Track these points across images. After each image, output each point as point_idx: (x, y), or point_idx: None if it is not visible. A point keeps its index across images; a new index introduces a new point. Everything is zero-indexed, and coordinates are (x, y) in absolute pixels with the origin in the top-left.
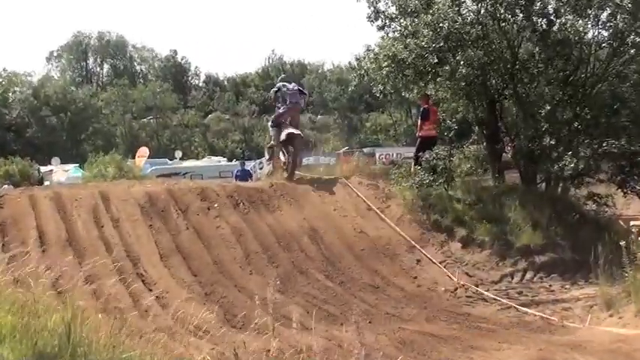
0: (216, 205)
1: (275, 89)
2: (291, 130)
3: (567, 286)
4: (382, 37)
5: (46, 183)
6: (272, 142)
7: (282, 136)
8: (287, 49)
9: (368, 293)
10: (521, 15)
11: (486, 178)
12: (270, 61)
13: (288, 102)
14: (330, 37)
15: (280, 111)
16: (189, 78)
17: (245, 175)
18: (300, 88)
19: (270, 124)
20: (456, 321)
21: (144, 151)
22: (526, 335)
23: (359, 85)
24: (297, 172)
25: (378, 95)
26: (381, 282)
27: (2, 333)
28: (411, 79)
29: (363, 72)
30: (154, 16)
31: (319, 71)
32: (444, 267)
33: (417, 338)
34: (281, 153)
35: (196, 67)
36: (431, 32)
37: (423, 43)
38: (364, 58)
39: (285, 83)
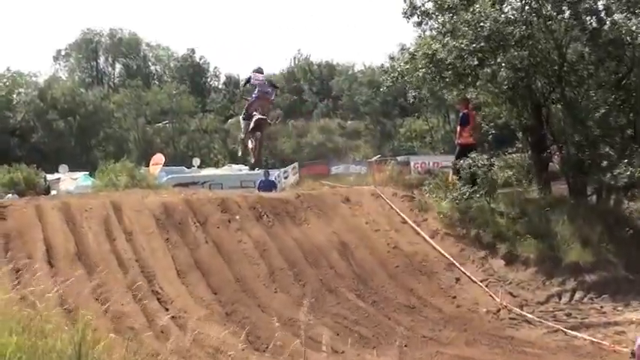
0: (237, 217)
1: (245, 80)
2: (258, 116)
3: (620, 308)
4: (419, 36)
5: (53, 192)
6: (242, 134)
7: (251, 125)
8: (314, 49)
9: (403, 314)
10: (568, 13)
11: (531, 190)
12: (296, 62)
13: (256, 91)
14: (361, 36)
15: (250, 101)
16: (208, 79)
17: (269, 186)
18: (272, 81)
19: (241, 116)
20: (498, 345)
21: (159, 158)
22: None
23: (392, 88)
24: (325, 182)
25: (412, 101)
26: (417, 302)
27: (6, 355)
28: (450, 82)
29: (396, 74)
30: (170, 12)
31: (349, 73)
32: (486, 286)
33: None
34: (249, 141)
35: (216, 67)
36: (471, 32)
37: (463, 45)
38: (399, 58)
39: (255, 74)
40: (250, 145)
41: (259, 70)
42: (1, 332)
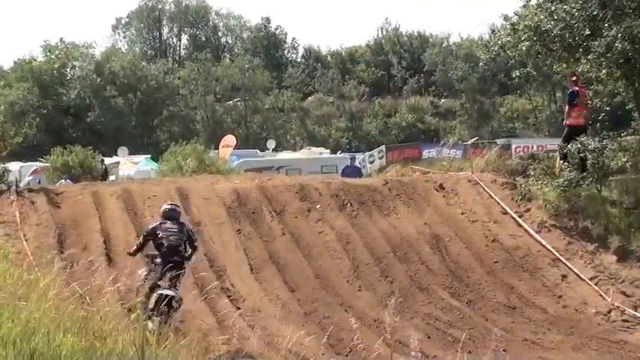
0: (318, 207)
1: None
2: None
3: None
4: (525, 4)
5: (112, 177)
6: None
7: None
8: (404, 18)
9: (502, 315)
10: None
11: None
12: (384, 32)
13: None
14: (457, 2)
15: None
16: (285, 52)
17: (354, 172)
18: None
19: None
20: (609, 350)
21: (230, 140)
22: None
23: (492, 62)
24: (416, 167)
25: (515, 77)
26: (518, 302)
27: (61, 357)
28: (558, 55)
29: (497, 47)
30: None
31: (443, 45)
32: (595, 284)
33: None
34: None
35: (293, 38)
36: None
37: (574, 11)
38: (500, 29)
39: None
40: None
41: None
42: (56, 332)
